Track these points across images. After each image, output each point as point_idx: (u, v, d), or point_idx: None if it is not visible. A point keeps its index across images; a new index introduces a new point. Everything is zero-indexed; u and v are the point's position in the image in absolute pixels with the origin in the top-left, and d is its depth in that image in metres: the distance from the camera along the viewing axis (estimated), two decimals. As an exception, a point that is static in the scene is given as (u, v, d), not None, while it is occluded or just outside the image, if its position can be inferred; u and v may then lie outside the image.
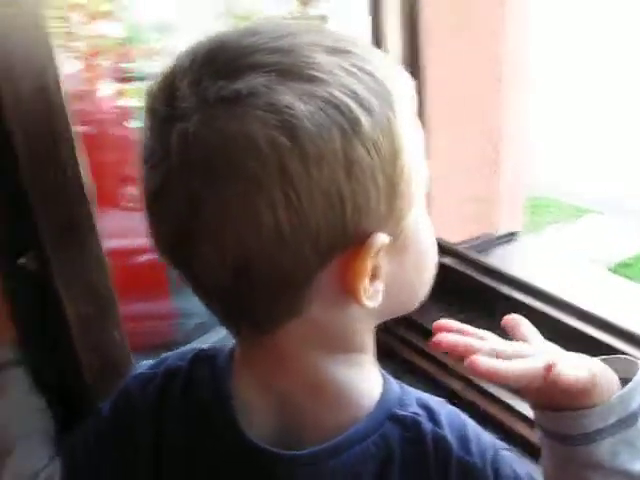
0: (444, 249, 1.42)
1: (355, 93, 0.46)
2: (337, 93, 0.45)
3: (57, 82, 0.59)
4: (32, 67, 0.57)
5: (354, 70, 0.47)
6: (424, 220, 0.55)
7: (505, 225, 1.66)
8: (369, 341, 0.58)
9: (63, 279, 0.65)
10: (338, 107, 0.45)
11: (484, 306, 1.33)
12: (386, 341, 1.34)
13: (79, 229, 0.65)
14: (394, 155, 0.47)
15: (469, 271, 1.36)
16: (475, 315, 1.32)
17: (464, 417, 0.60)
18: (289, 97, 0.44)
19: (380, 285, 0.51)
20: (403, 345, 1.31)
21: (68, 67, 1.80)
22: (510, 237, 1.63)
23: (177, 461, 0.61)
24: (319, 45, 0.47)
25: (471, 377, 1.21)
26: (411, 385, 0.60)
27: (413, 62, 1.22)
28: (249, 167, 0.44)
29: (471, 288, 1.35)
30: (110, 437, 0.65)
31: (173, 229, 0.48)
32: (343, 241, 0.48)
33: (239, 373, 0.59)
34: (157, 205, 0.49)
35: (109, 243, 0.72)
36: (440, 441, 0.56)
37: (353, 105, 0.45)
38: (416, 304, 0.60)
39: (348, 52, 0.48)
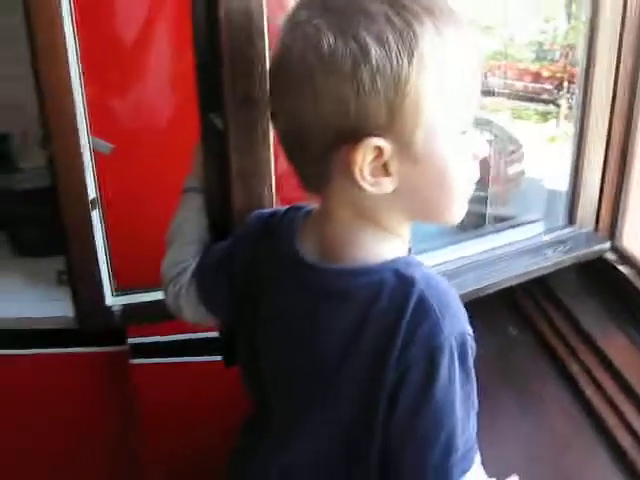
0: (635, 265, 1.50)
1: (379, 33, 0.68)
2: (363, 32, 0.69)
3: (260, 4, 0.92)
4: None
5: (395, 19, 0.69)
6: (452, 147, 0.75)
7: None
8: (398, 227, 0.81)
9: (235, 138, 0.98)
10: (358, 40, 0.68)
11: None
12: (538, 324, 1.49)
13: (255, 104, 0.95)
14: (397, 84, 0.69)
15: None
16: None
17: (455, 296, 0.79)
18: (325, 28, 0.70)
19: (387, 180, 0.74)
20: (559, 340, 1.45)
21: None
22: None
23: (258, 270, 0.92)
24: None
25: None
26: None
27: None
28: (295, 69, 0.73)
29: (633, 297, 1.42)
30: (227, 252, 0.98)
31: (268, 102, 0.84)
32: (348, 134, 0.71)
33: (310, 218, 0.88)
34: None
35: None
36: (423, 302, 0.75)
37: (371, 41, 0.68)
38: (445, 218, 0.82)
39: (402, 5, 0.70)
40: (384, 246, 0.81)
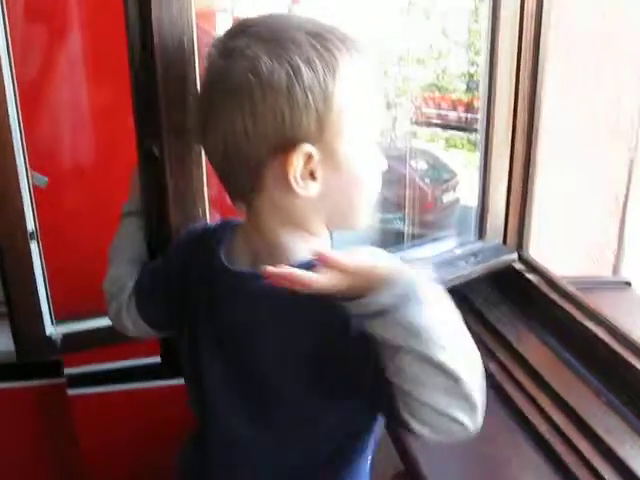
0: (541, 273, 1.67)
1: (308, 58, 0.82)
2: (294, 56, 0.82)
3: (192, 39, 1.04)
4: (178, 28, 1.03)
5: (317, 46, 0.83)
6: (364, 157, 0.89)
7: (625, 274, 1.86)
8: (319, 230, 0.93)
9: (171, 164, 1.08)
10: (290, 63, 0.82)
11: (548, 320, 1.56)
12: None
13: (189, 133, 1.06)
14: (325, 98, 0.83)
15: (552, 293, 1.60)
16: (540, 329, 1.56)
17: None
18: (262, 53, 0.82)
19: (314, 184, 0.87)
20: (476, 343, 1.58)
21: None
22: (622, 286, 1.80)
23: (192, 283, 1.02)
24: (304, 29, 0.85)
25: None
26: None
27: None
28: (235, 88, 0.84)
29: (541, 301, 1.59)
30: (162, 269, 1.09)
31: (197, 122, 0.91)
32: (283, 143, 0.84)
33: (238, 231, 0.99)
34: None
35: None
36: None
37: (301, 64, 0.82)
38: (356, 223, 0.95)
39: (321, 36, 0.84)
40: (305, 247, 0.91)
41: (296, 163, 0.85)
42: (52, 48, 1.51)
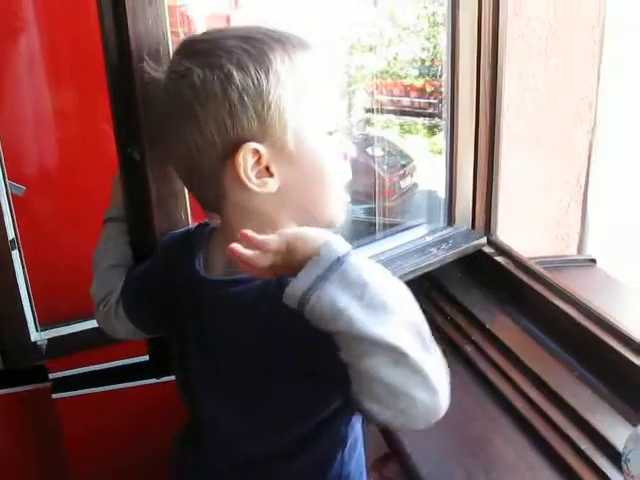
0: (509, 255, 1.74)
1: (239, 61, 0.86)
2: (225, 62, 0.86)
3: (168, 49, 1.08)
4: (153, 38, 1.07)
5: (249, 48, 0.87)
6: (320, 148, 0.92)
7: (590, 251, 1.95)
8: (288, 226, 0.90)
9: (152, 169, 1.12)
10: (222, 69, 0.86)
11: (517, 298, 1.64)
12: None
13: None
14: (261, 97, 0.87)
15: (519, 271, 1.67)
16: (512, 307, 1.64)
17: None
18: (194, 66, 0.87)
19: (272, 180, 0.90)
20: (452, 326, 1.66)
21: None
22: (587, 263, 1.90)
23: (174, 286, 1.06)
24: (237, 35, 0.89)
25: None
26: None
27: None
28: (176, 105, 0.90)
29: (511, 282, 1.67)
30: (147, 273, 1.13)
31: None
32: (230, 147, 0.88)
33: (214, 235, 1.03)
34: None
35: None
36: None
37: (233, 68, 0.86)
38: (326, 216, 0.96)
39: (253, 38, 0.89)
40: None
41: (243, 162, 0.88)
42: (21, 55, 1.54)
